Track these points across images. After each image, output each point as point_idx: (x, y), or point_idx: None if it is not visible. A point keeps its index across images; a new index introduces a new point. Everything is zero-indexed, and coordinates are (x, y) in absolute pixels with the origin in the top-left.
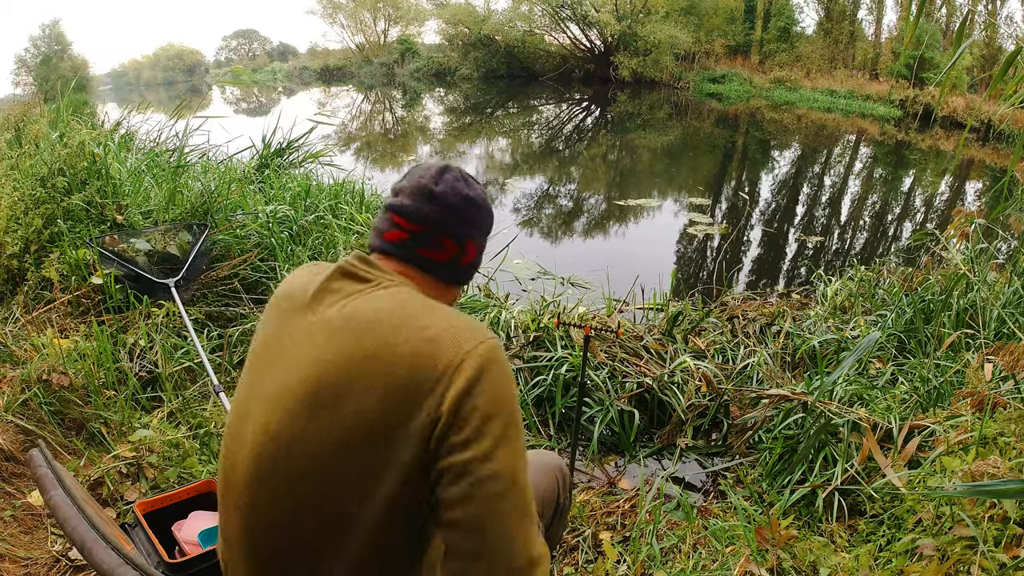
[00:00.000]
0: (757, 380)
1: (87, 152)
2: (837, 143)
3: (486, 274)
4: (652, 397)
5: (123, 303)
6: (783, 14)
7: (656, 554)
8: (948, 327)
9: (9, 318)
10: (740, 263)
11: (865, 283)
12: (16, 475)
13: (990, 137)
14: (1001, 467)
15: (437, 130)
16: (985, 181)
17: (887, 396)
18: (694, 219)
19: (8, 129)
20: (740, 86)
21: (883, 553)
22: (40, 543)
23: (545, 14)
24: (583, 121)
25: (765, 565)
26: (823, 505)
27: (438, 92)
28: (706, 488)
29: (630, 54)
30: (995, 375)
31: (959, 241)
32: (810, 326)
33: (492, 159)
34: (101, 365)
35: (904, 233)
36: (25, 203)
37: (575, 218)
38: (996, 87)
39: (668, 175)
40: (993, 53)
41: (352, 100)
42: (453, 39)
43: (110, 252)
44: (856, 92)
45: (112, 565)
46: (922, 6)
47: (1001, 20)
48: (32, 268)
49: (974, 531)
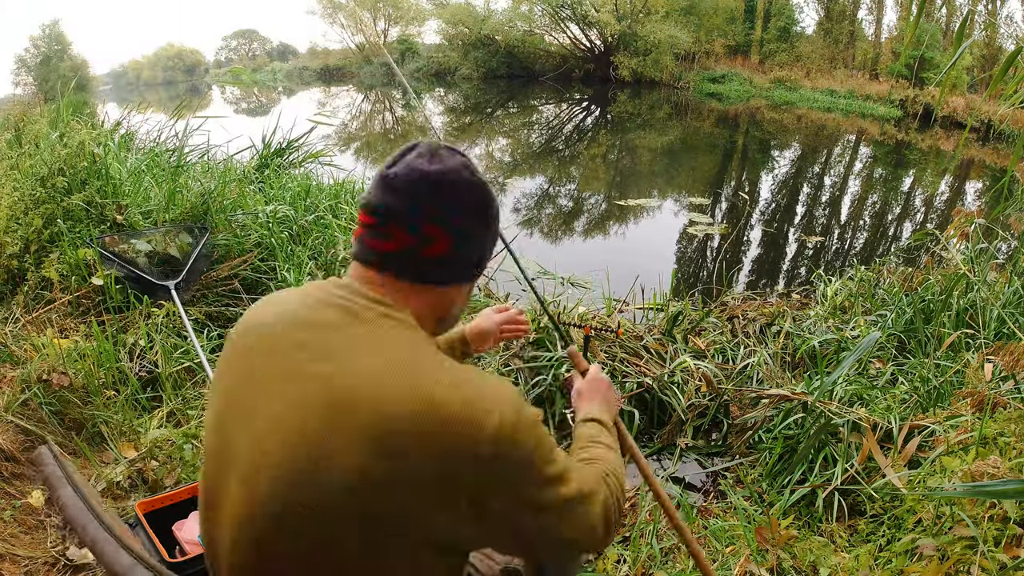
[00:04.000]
0: (757, 380)
1: (87, 152)
2: (837, 143)
3: (486, 274)
4: (652, 397)
5: (123, 303)
6: (783, 14)
7: (656, 554)
8: (948, 327)
9: (9, 318)
10: (740, 263)
11: (865, 283)
12: (16, 475)
13: (990, 137)
14: (1001, 467)
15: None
16: (985, 181)
17: (887, 396)
18: (694, 219)
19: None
20: (740, 86)
21: (883, 553)
22: (40, 543)
23: (545, 14)
24: (583, 121)
25: (765, 565)
26: (823, 505)
27: (438, 92)
28: (706, 488)
29: (630, 54)
30: (995, 375)
31: (959, 241)
32: (810, 326)
33: (492, 159)
34: (101, 365)
35: (904, 233)
36: (25, 203)
37: (575, 218)
38: (996, 87)
39: (668, 175)
40: (993, 53)
41: (352, 100)
42: (453, 39)
43: (110, 253)
44: (856, 92)
45: (124, 565)
46: (922, 6)
47: (1001, 20)
48: (32, 268)
49: (974, 531)
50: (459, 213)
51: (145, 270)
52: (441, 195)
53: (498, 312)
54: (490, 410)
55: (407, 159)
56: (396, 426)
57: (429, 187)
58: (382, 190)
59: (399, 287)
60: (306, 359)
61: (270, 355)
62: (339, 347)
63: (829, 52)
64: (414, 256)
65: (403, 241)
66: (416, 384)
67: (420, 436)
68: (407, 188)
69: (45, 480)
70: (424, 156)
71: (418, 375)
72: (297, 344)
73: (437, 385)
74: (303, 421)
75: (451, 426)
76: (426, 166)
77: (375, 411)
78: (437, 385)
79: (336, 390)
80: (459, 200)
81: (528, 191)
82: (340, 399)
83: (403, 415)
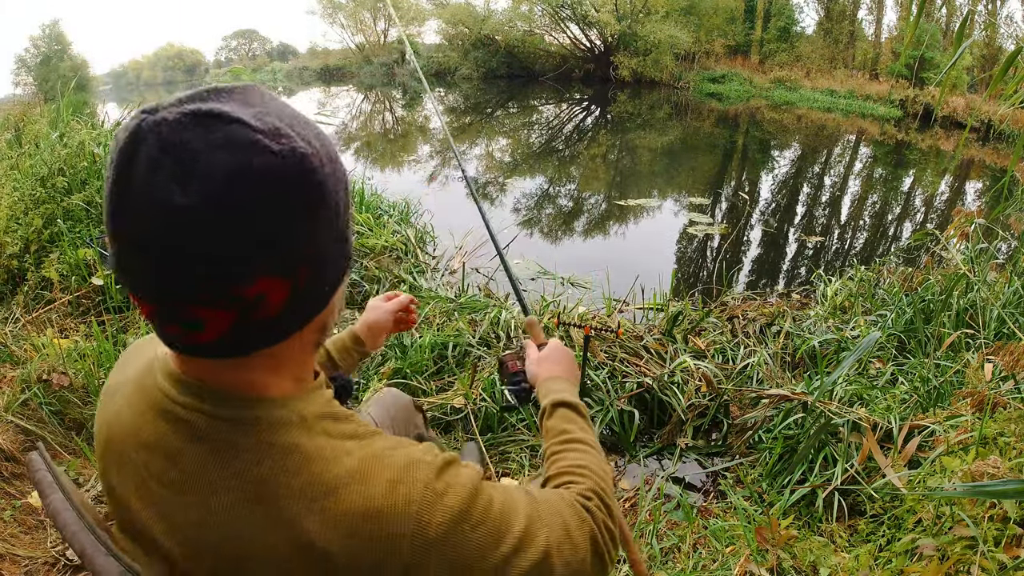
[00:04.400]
0: (757, 380)
1: (87, 152)
2: (837, 143)
3: (486, 274)
4: (652, 397)
5: (123, 303)
6: (783, 14)
7: (656, 554)
8: (948, 327)
9: (9, 318)
10: (740, 263)
11: (865, 283)
12: (16, 475)
13: (990, 137)
14: (1001, 467)
15: (437, 130)
16: (985, 181)
17: (887, 396)
18: (694, 219)
19: (8, 129)
20: (740, 86)
21: (883, 553)
22: (40, 543)
23: (545, 14)
24: (583, 121)
25: (765, 565)
26: (823, 505)
27: (438, 92)
28: (706, 488)
29: (630, 54)
30: (995, 375)
31: (959, 241)
32: (810, 326)
33: (492, 159)
34: (101, 365)
35: (904, 233)
36: (25, 203)
37: (575, 218)
38: (996, 87)
39: (668, 175)
40: (993, 53)
41: (352, 100)
42: (453, 39)
43: None
44: (856, 92)
45: (113, 573)
46: (922, 6)
47: (1001, 20)
48: (32, 268)
49: (974, 531)
50: (290, 243)
51: None
52: (250, 228)
53: (387, 300)
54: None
55: (138, 187)
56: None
57: (218, 227)
58: (133, 252)
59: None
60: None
61: (136, 475)
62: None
63: (829, 52)
64: (248, 323)
65: (220, 320)
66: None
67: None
68: (175, 241)
69: (36, 486)
70: (173, 178)
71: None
72: (153, 474)
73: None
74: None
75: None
76: (179, 198)
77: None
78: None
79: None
80: (275, 230)
81: (528, 191)
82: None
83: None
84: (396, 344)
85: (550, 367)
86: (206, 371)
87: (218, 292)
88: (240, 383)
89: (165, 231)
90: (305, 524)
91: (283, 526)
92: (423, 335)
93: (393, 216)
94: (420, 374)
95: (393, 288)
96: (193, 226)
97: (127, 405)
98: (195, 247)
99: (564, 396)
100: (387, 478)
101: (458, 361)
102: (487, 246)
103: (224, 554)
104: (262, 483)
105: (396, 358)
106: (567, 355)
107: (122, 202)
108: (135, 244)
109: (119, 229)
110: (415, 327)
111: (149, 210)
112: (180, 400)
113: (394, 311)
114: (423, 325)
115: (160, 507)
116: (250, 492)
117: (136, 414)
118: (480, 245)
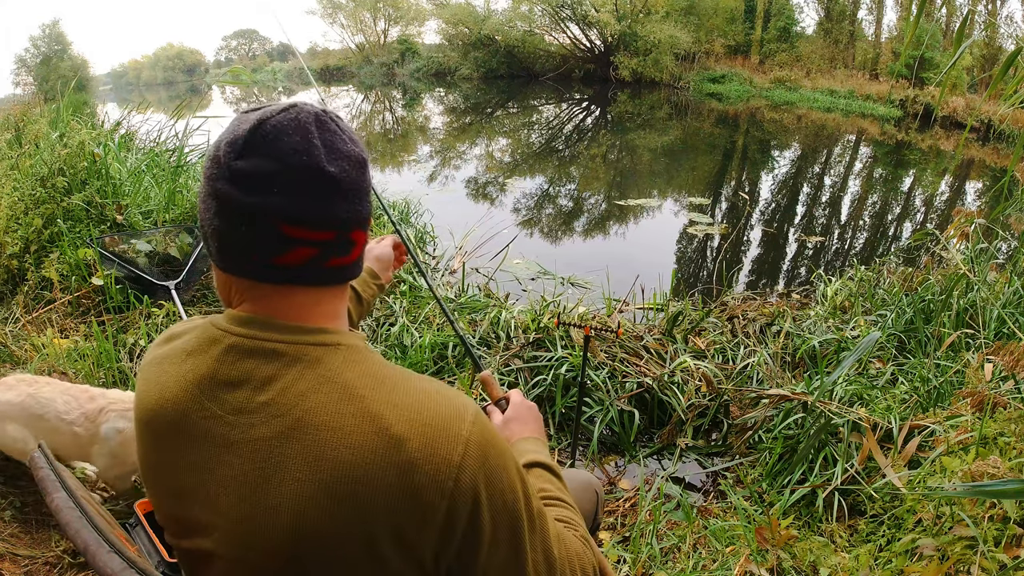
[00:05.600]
0: (757, 380)
1: (87, 152)
2: (837, 143)
3: (486, 274)
4: (652, 397)
5: (123, 303)
6: (783, 14)
7: (656, 554)
8: (948, 327)
9: (9, 318)
10: (740, 263)
11: (865, 283)
12: (17, 475)
13: (990, 137)
14: (1001, 467)
15: (437, 130)
16: (985, 181)
17: (887, 396)
18: (694, 219)
19: (8, 129)
20: (740, 86)
21: (883, 553)
22: (41, 542)
23: (545, 14)
24: (583, 121)
25: (765, 565)
26: (823, 505)
27: (438, 92)
28: (706, 488)
29: (630, 54)
30: (995, 375)
31: (959, 241)
32: (810, 326)
33: (492, 159)
34: (101, 365)
35: (904, 233)
36: (25, 203)
37: (575, 218)
38: (996, 87)
39: (668, 175)
40: (993, 53)
41: (352, 100)
42: (453, 39)
43: (110, 253)
44: (856, 92)
45: (115, 569)
46: (922, 6)
47: (1001, 20)
48: (32, 268)
49: (974, 531)
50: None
51: (145, 270)
52: (365, 175)
53: (379, 243)
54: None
55: (323, 138)
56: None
57: (365, 170)
58: (329, 194)
59: (326, 295)
60: (242, 419)
61: (186, 431)
62: (289, 401)
63: (829, 52)
64: (358, 259)
65: (360, 244)
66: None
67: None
68: (356, 180)
69: (39, 484)
70: (334, 131)
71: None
72: (224, 399)
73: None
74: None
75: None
76: (350, 145)
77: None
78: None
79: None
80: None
81: (528, 191)
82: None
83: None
84: (396, 344)
85: (519, 428)
86: (275, 310)
87: (363, 225)
88: (311, 315)
89: (356, 172)
90: (387, 417)
91: (369, 418)
92: (423, 335)
93: (393, 216)
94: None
95: (393, 288)
96: (346, 181)
97: (188, 366)
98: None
99: (538, 457)
100: (453, 396)
101: (458, 361)
102: (487, 246)
103: (313, 443)
104: (350, 386)
105: (396, 358)
106: (531, 411)
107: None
108: (336, 184)
109: (335, 171)
110: (415, 327)
111: (349, 161)
112: (262, 336)
113: (392, 245)
114: (423, 325)
115: (242, 430)
116: (342, 392)
117: (208, 362)
118: (480, 245)
